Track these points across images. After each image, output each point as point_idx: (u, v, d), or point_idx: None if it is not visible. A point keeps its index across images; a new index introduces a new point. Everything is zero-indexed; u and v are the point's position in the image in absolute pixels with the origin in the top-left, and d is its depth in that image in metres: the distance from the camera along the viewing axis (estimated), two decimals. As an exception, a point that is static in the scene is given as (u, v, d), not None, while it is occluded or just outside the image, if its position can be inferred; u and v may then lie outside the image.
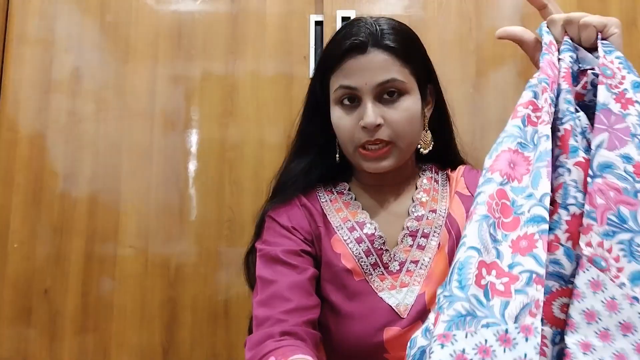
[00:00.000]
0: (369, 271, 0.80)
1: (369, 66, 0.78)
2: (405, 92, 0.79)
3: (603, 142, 0.54)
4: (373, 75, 0.78)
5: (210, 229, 1.27)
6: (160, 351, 1.23)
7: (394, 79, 0.78)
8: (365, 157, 0.79)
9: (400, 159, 0.81)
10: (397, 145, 0.79)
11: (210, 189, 1.28)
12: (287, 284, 0.75)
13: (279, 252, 0.79)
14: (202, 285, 1.25)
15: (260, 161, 1.29)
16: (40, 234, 1.26)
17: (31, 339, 1.23)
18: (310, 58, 1.32)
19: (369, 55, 0.78)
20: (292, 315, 0.72)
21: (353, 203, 0.87)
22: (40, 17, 1.34)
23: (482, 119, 1.29)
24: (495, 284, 0.50)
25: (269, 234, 0.84)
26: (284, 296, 0.74)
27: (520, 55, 1.30)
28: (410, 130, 0.80)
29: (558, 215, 0.54)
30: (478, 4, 1.33)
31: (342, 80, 0.80)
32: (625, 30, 1.29)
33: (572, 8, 1.32)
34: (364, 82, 0.78)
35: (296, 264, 0.78)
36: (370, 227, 0.83)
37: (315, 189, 0.89)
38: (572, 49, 0.62)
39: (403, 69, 0.79)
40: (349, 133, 0.80)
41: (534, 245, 0.50)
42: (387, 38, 0.79)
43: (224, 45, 1.34)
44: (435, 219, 0.83)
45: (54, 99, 1.32)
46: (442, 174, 0.90)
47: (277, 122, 1.30)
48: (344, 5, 1.32)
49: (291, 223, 0.83)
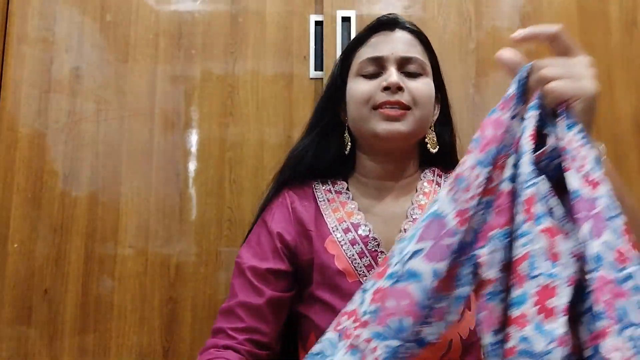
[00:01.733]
0: (363, 273, 0.80)
1: (396, 42, 0.83)
2: (425, 74, 0.84)
3: (591, 231, 0.49)
4: (399, 48, 0.83)
5: (210, 229, 1.27)
6: (160, 351, 1.23)
7: (417, 58, 0.83)
8: (382, 116, 0.80)
9: (413, 131, 0.82)
10: (413, 113, 0.81)
11: (210, 189, 1.28)
12: (242, 302, 0.81)
13: (246, 268, 0.83)
14: (202, 285, 1.25)
15: (260, 161, 1.29)
16: (40, 233, 1.26)
17: (31, 339, 1.23)
18: (310, 58, 1.32)
19: (396, 33, 0.84)
20: (240, 333, 0.79)
21: (350, 203, 0.87)
22: (40, 17, 1.34)
23: (482, 119, 1.28)
24: (348, 328, 0.54)
25: (254, 238, 0.88)
26: (236, 314, 0.80)
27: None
28: (428, 104, 0.83)
29: (523, 290, 0.48)
30: (478, 4, 1.33)
31: (368, 53, 0.84)
32: (625, 30, 1.30)
33: (572, 8, 1.32)
34: (390, 52, 0.82)
35: (258, 286, 0.81)
36: (365, 229, 0.83)
37: (313, 185, 0.89)
38: (538, 107, 0.57)
39: (424, 53, 0.85)
40: (367, 95, 0.82)
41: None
42: (412, 25, 0.86)
43: (224, 45, 1.34)
44: None
45: (54, 98, 1.32)
46: (446, 177, 0.90)
47: (277, 122, 1.30)
48: (344, 5, 1.32)
49: (279, 229, 0.85)
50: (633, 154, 1.26)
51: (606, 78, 1.29)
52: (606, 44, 1.30)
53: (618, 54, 1.28)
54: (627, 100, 1.28)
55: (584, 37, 1.30)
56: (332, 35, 1.30)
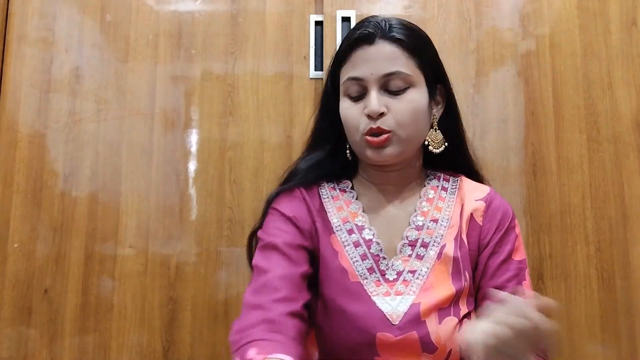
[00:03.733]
0: (365, 275, 0.80)
1: (376, 57, 0.80)
2: (411, 85, 0.81)
3: None
4: (379, 66, 0.79)
5: (210, 229, 1.27)
6: (160, 351, 1.23)
7: (399, 72, 0.79)
8: (369, 144, 0.80)
9: (403, 151, 0.81)
10: (397, 134, 0.79)
11: (210, 189, 1.28)
12: (279, 275, 0.75)
13: (279, 242, 0.79)
14: (202, 285, 1.25)
15: (260, 161, 1.29)
16: (40, 233, 1.26)
17: (31, 339, 1.23)
18: (310, 58, 1.32)
19: (376, 46, 0.80)
20: (279, 304, 0.72)
21: (354, 202, 0.86)
22: (40, 17, 1.34)
23: (482, 119, 1.29)
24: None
25: (271, 224, 0.84)
26: (274, 286, 0.74)
27: (520, 55, 1.31)
28: (414, 122, 0.81)
29: None
30: (478, 4, 1.33)
31: (350, 72, 0.82)
32: (625, 30, 1.30)
33: (572, 8, 1.32)
34: (369, 73, 0.79)
35: (293, 257, 0.78)
36: (369, 233, 0.83)
37: (318, 184, 0.89)
38: None
39: (409, 61, 0.81)
40: (355, 122, 0.81)
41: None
42: (394, 31, 0.81)
43: (224, 45, 1.34)
44: (436, 228, 0.83)
45: (54, 98, 1.32)
46: (454, 181, 0.89)
47: (277, 121, 1.30)
48: (344, 5, 1.32)
49: (293, 213, 0.83)
50: (633, 154, 1.26)
51: (606, 78, 1.29)
52: (606, 44, 1.30)
53: (618, 54, 1.28)
54: (627, 100, 1.28)
55: (584, 37, 1.30)
56: (332, 35, 1.30)
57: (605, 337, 1.20)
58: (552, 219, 1.24)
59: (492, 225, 0.84)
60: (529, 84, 1.30)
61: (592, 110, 1.28)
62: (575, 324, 1.20)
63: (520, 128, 1.28)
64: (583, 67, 1.29)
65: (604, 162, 1.25)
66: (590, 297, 1.21)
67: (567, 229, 1.24)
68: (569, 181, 1.26)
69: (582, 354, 1.19)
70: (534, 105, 1.29)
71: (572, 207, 1.25)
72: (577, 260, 1.23)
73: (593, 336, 1.20)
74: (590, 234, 1.23)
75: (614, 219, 1.24)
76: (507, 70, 1.31)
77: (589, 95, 1.28)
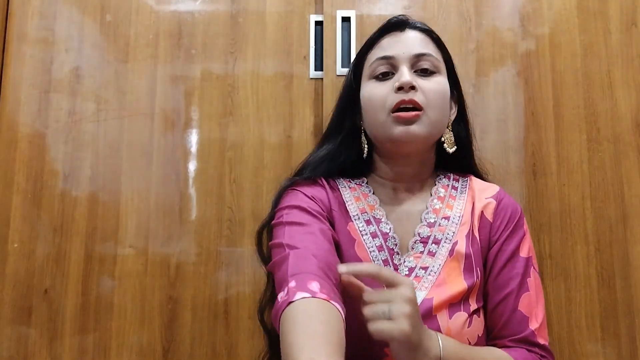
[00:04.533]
0: (380, 266, 0.80)
1: (407, 41, 0.83)
2: (438, 71, 0.83)
3: None
4: (411, 46, 0.82)
5: (210, 229, 1.27)
6: (160, 351, 1.23)
7: (429, 54, 0.82)
8: (398, 119, 0.80)
9: (429, 134, 0.81)
10: (427, 114, 0.80)
11: (210, 189, 1.28)
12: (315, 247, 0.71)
13: (306, 206, 0.78)
14: (202, 285, 1.25)
15: (260, 161, 1.29)
16: (40, 233, 1.26)
17: (31, 339, 1.23)
18: (310, 58, 1.32)
19: (407, 33, 0.83)
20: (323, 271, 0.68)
21: (371, 196, 0.87)
22: (41, 17, 1.34)
23: (482, 119, 1.29)
24: None
25: (291, 199, 0.82)
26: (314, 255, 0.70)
27: (520, 55, 1.31)
28: (441, 104, 0.82)
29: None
30: (478, 4, 1.33)
31: (379, 53, 0.83)
32: (625, 30, 1.30)
33: (572, 8, 1.32)
34: (401, 51, 0.81)
35: (322, 219, 0.77)
36: (386, 226, 0.83)
37: (335, 178, 0.90)
38: None
39: (437, 50, 0.84)
40: (382, 98, 0.81)
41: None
42: (423, 24, 0.86)
43: (224, 45, 1.34)
44: (447, 225, 0.83)
45: (54, 98, 1.32)
46: (463, 181, 0.91)
47: (277, 121, 1.30)
48: (344, 5, 1.32)
49: (313, 194, 0.83)
50: (633, 154, 1.26)
51: (606, 78, 1.29)
52: (606, 44, 1.30)
53: (618, 54, 1.28)
54: (627, 100, 1.28)
55: (584, 37, 1.30)
56: (332, 35, 1.30)
57: (605, 336, 1.20)
58: (551, 219, 1.24)
59: (502, 222, 0.85)
60: (529, 84, 1.30)
61: (592, 110, 1.28)
62: (575, 323, 1.20)
63: (520, 128, 1.28)
64: (583, 67, 1.29)
65: (604, 162, 1.25)
66: (590, 296, 1.21)
67: (567, 229, 1.24)
68: (568, 181, 1.26)
69: (582, 353, 1.19)
70: (534, 105, 1.29)
71: (572, 207, 1.25)
72: (577, 260, 1.23)
73: (593, 336, 1.20)
74: (590, 234, 1.23)
75: (614, 218, 1.24)
76: (507, 70, 1.31)
77: (589, 96, 1.28)
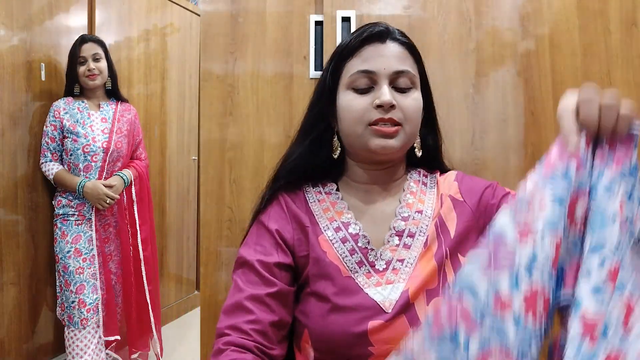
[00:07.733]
0: (355, 269, 0.82)
1: (388, 54, 0.84)
2: (414, 86, 0.85)
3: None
4: (391, 62, 0.83)
5: (210, 229, 1.27)
6: (160, 351, 1.23)
7: (408, 71, 0.84)
8: (377, 133, 0.82)
9: (404, 145, 0.85)
10: (405, 129, 0.83)
11: (210, 189, 1.28)
12: (254, 296, 0.80)
13: (255, 261, 0.83)
14: (202, 285, 1.25)
15: (260, 161, 1.29)
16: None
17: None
18: (310, 58, 1.32)
19: (388, 45, 0.84)
20: (253, 326, 0.78)
21: (340, 203, 0.89)
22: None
23: (482, 118, 1.29)
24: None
25: (253, 238, 0.88)
26: (248, 308, 0.80)
27: (520, 55, 1.31)
28: (416, 120, 0.85)
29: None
30: (478, 4, 1.33)
31: (359, 65, 0.84)
32: (625, 30, 1.30)
33: (572, 8, 1.32)
34: (382, 67, 0.83)
35: (269, 278, 0.82)
36: (355, 227, 0.86)
37: (304, 189, 0.92)
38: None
39: (414, 65, 0.86)
40: (361, 112, 0.83)
41: None
42: (402, 36, 0.87)
43: (224, 45, 1.34)
44: (421, 219, 0.86)
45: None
46: (431, 177, 0.93)
47: (277, 121, 1.30)
48: (344, 5, 1.32)
49: (276, 225, 0.87)
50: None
51: (606, 78, 1.29)
52: (606, 44, 1.29)
53: (618, 54, 1.28)
54: (627, 100, 1.27)
55: (584, 37, 1.30)
56: (332, 35, 1.30)
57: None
58: (552, 219, 1.24)
59: (474, 194, 0.87)
60: (528, 83, 1.30)
61: (592, 110, 1.28)
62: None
63: (520, 128, 1.28)
64: (583, 67, 1.29)
65: (604, 162, 1.25)
66: (590, 297, 1.21)
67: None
68: (569, 181, 1.26)
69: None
70: (534, 105, 1.29)
71: (572, 207, 1.25)
72: (577, 260, 1.23)
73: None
74: (590, 234, 1.23)
75: (614, 219, 1.24)
76: (507, 70, 1.31)
77: (589, 95, 1.28)
